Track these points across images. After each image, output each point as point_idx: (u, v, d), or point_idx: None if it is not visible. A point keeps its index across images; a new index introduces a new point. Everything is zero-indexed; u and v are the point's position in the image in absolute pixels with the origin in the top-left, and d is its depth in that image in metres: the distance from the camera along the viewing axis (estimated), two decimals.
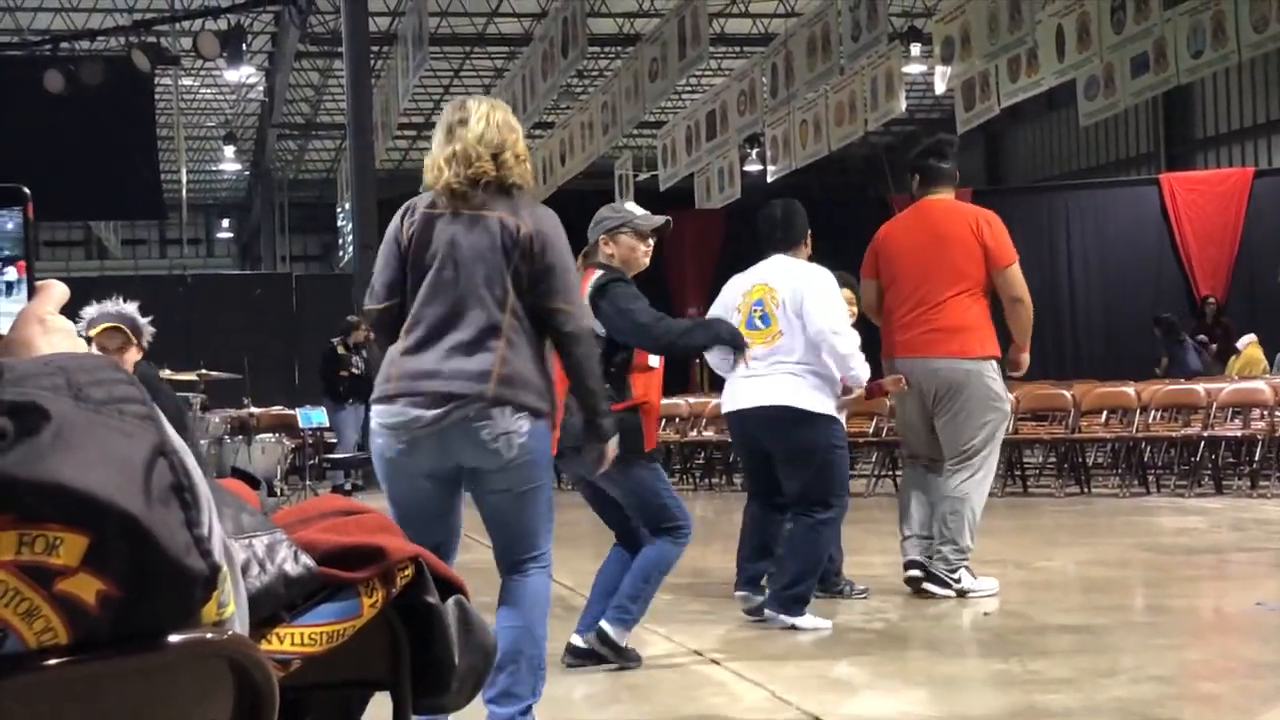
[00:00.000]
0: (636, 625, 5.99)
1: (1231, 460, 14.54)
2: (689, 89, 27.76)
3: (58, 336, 1.38)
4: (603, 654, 5.90)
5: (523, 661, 4.48)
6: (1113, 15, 16.34)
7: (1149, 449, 14.92)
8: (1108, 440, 15.00)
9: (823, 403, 6.75)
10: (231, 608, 1.33)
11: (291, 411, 16.94)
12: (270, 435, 14.13)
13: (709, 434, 16.77)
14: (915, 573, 7.52)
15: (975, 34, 17.31)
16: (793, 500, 6.83)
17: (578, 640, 6.00)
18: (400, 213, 4.56)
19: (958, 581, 7.43)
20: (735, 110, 21.24)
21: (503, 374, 4.32)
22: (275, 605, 1.78)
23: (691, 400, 17.86)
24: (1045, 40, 17.52)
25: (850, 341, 6.80)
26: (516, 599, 4.54)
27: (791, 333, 6.76)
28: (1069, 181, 27.47)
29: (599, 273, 5.76)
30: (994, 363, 7.54)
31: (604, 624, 5.88)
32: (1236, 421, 14.24)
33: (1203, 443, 13.80)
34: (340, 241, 34.48)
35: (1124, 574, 8.65)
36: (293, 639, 1.81)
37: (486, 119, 4.45)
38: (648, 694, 5.60)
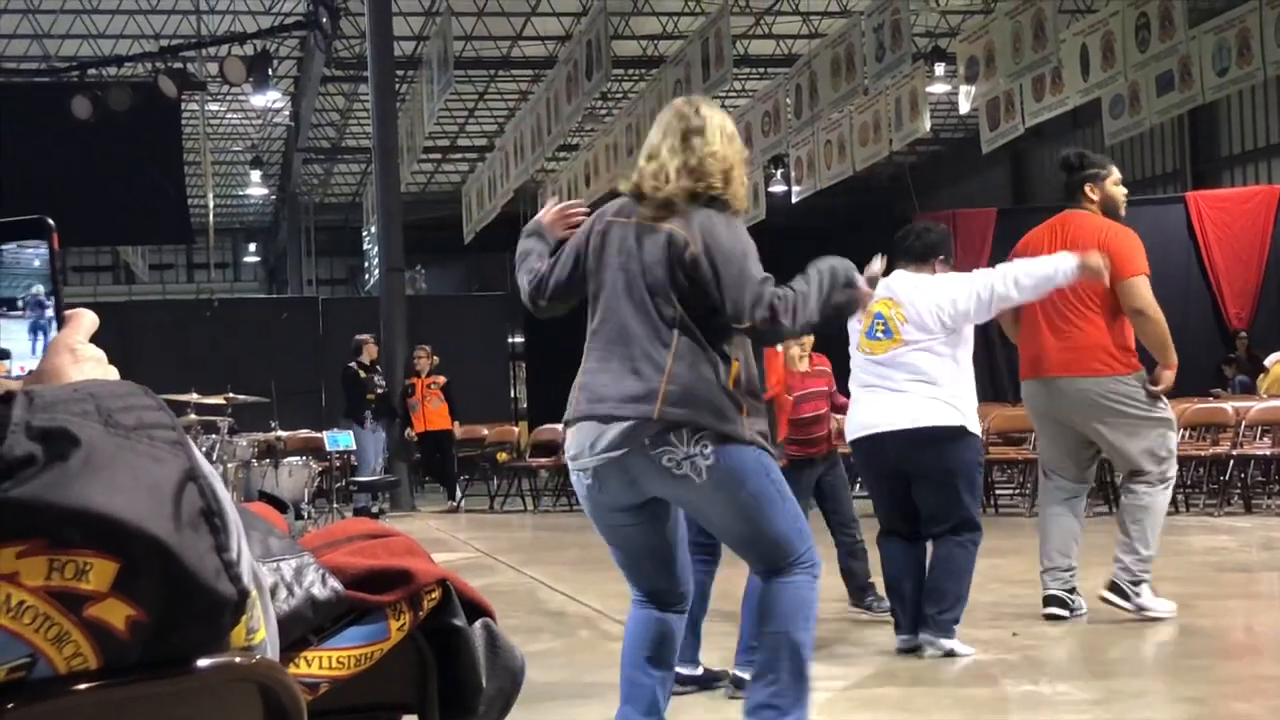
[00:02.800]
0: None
1: (1261, 479, 14.46)
2: None
3: (88, 365, 1.38)
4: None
5: (783, 671, 4.10)
6: (1137, 34, 16.32)
7: (1178, 468, 14.84)
8: None
9: (962, 416, 6.46)
10: (262, 633, 1.33)
11: (318, 435, 16.98)
12: (297, 458, 14.17)
13: None
14: (1055, 610, 7.25)
15: (999, 53, 17.30)
16: (938, 522, 6.50)
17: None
18: (591, 219, 4.34)
19: (1138, 595, 7.18)
20: (760, 131, 21.26)
21: (670, 391, 4.02)
22: (303, 629, 1.78)
23: None
24: (1070, 59, 17.51)
25: (970, 294, 6.46)
26: (773, 602, 4.14)
27: (919, 347, 6.46)
28: None
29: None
30: (1141, 373, 7.25)
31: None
32: (1266, 440, 14.17)
33: (1232, 461, 13.73)
34: (366, 265, 34.62)
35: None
36: (321, 662, 1.81)
37: (720, 133, 4.18)
38: None
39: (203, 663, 1.25)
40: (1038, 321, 7.27)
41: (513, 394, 28.92)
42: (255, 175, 32.94)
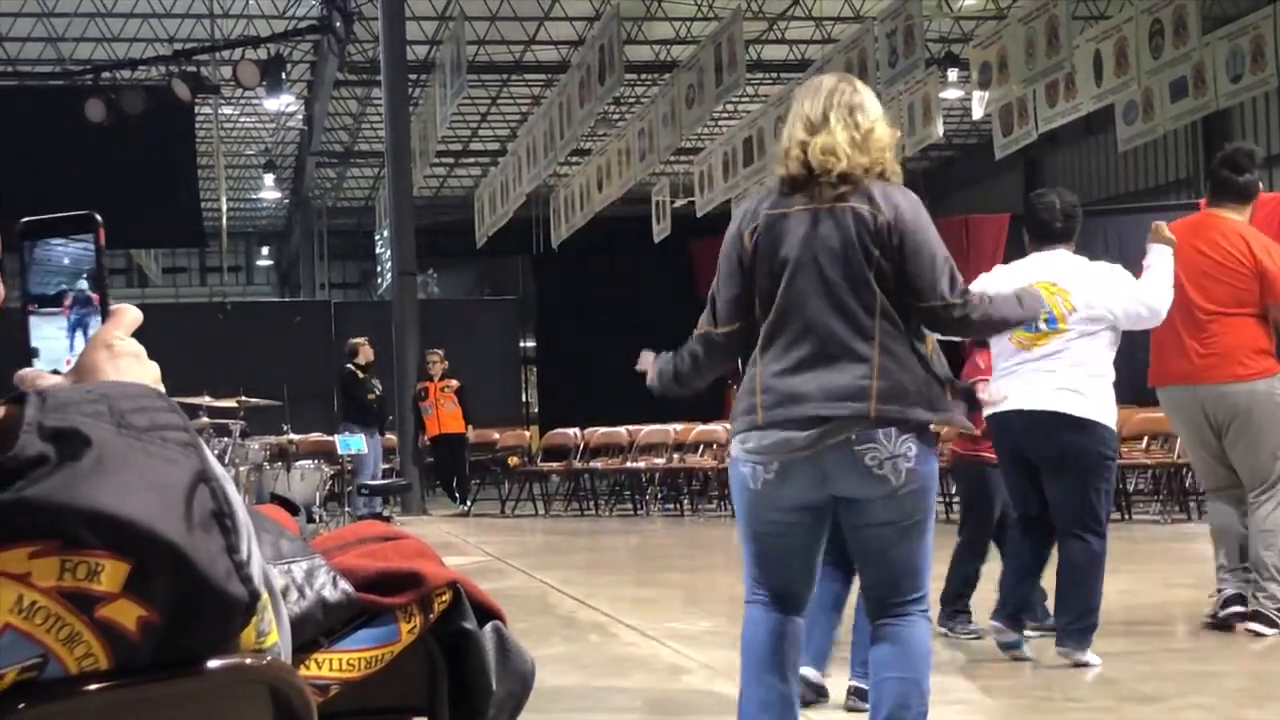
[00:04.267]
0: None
1: None
2: (726, 115, 27.78)
3: (125, 361, 1.38)
4: None
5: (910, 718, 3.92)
6: (1151, 40, 16.30)
7: (1190, 475, 14.81)
8: (1149, 466, 14.92)
9: (1106, 412, 6.23)
10: (273, 637, 1.33)
11: (330, 438, 16.99)
12: (309, 461, 14.19)
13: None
14: (1237, 608, 6.98)
15: (1013, 59, 17.29)
16: (1061, 516, 6.25)
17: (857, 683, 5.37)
18: (738, 219, 4.05)
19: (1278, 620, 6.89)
20: (772, 136, 21.22)
21: (882, 387, 3.80)
22: (314, 631, 1.79)
23: (678, 427, 17.76)
24: (1083, 65, 17.49)
25: (1149, 295, 6.31)
26: (900, 648, 3.92)
27: (1083, 338, 6.22)
28: (1107, 206, 27.34)
29: None
30: (1276, 378, 6.97)
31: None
32: None
33: None
34: (379, 269, 34.66)
35: (1165, 600, 8.58)
36: (331, 664, 1.81)
37: (880, 114, 4.00)
38: None
39: (213, 664, 1.25)
40: (1174, 325, 6.83)
41: (524, 398, 28.93)
42: (268, 179, 32.99)
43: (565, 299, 29.16)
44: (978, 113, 20.28)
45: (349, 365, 17.79)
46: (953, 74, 21.16)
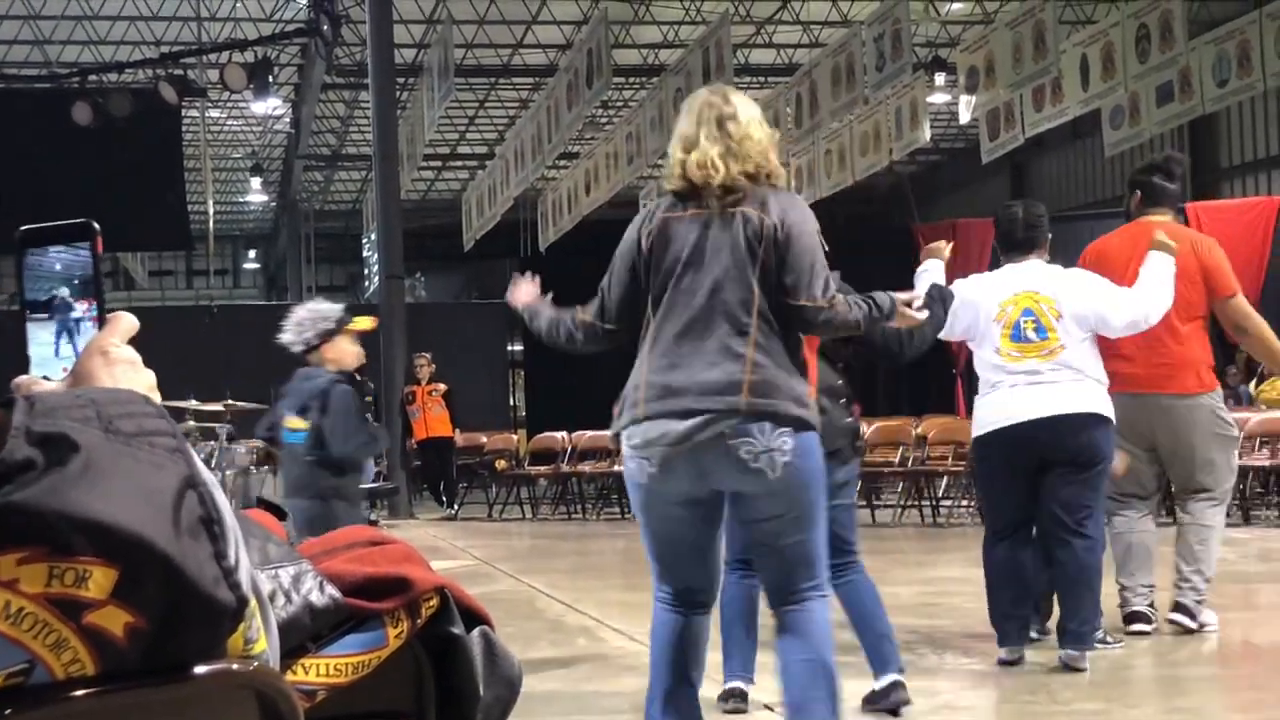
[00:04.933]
0: None
1: (1260, 490, 14.46)
2: None
3: (120, 368, 1.38)
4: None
5: (823, 701, 4.07)
6: (1137, 44, 16.35)
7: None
8: None
9: (1109, 406, 6.32)
10: (261, 644, 1.33)
11: None
12: None
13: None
14: (1140, 626, 7.06)
15: (1000, 64, 17.33)
16: (1067, 516, 6.22)
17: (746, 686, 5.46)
18: (637, 222, 4.26)
19: (1202, 613, 7.08)
20: None
21: (754, 382, 3.96)
22: (301, 636, 1.78)
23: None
24: (1070, 69, 17.53)
25: (1141, 301, 6.39)
26: (802, 632, 4.08)
27: (1074, 345, 6.28)
28: (1094, 210, 27.41)
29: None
30: (1219, 391, 7.21)
31: (896, 679, 5.36)
32: (1264, 451, 14.17)
33: None
34: (366, 272, 34.64)
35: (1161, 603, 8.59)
36: (318, 670, 1.81)
37: (752, 115, 4.17)
38: None
39: (200, 670, 1.25)
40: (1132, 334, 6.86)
41: (511, 402, 28.92)
42: (255, 182, 32.98)
43: (553, 302, 29.06)
44: (965, 117, 20.31)
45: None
46: (940, 78, 21.20)
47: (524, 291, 4.61)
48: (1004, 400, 6.33)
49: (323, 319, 6.61)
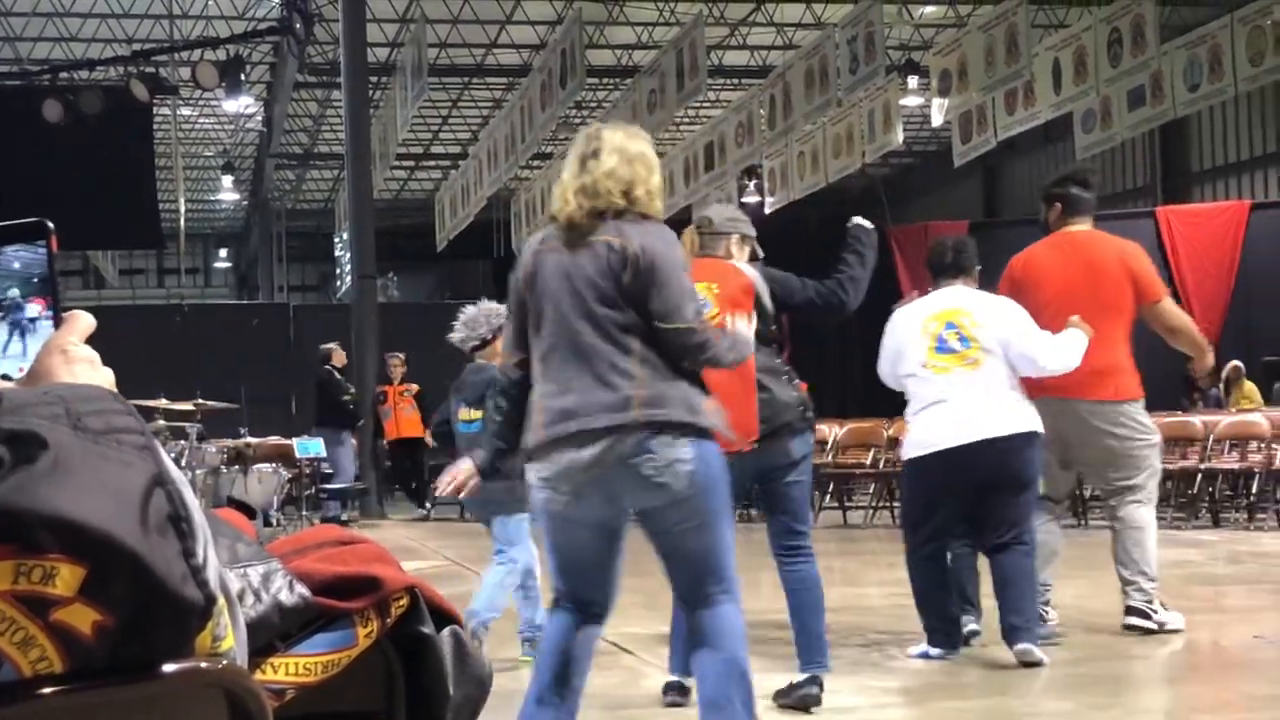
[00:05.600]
0: None
1: (1229, 493, 14.53)
2: (687, 120, 27.83)
3: (79, 366, 1.38)
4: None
5: (736, 699, 4.18)
6: (1109, 48, 16.40)
7: None
8: None
9: (1036, 420, 6.55)
10: (229, 641, 1.33)
11: (288, 441, 16.92)
12: (267, 465, 14.12)
13: None
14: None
15: (972, 67, 17.37)
16: (1006, 530, 6.50)
17: (686, 680, 5.60)
18: (521, 259, 4.44)
19: (1157, 612, 7.22)
20: (733, 142, 21.30)
21: (644, 396, 4.12)
22: (270, 635, 1.78)
23: None
24: (1042, 73, 17.59)
25: (1064, 351, 6.60)
26: (715, 633, 4.22)
27: (997, 359, 6.51)
28: None
29: (745, 264, 5.67)
30: (1141, 401, 7.37)
31: (814, 672, 5.55)
32: (1234, 454, 14.24)
33: (1200, 475, 13.79)
34: (338, 271, 34.53)
35: (1121, 607, 8.62)
36: (287, 669, 1.80)
37: (620, 153, 4.31)
38: None
39: (169, 668, 1.24)
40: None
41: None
42: (227, 180, 32.83)
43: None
44: (937, 120, 20.37)
45: (326, 367, 17.78)
46: (913, 81, 21.25)
47: (461, 477, 4.68)
48: (938, 420, 6.53)
49: (494, 315, 6.99)
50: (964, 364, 6.49)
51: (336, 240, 33.89)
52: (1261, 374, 19.45)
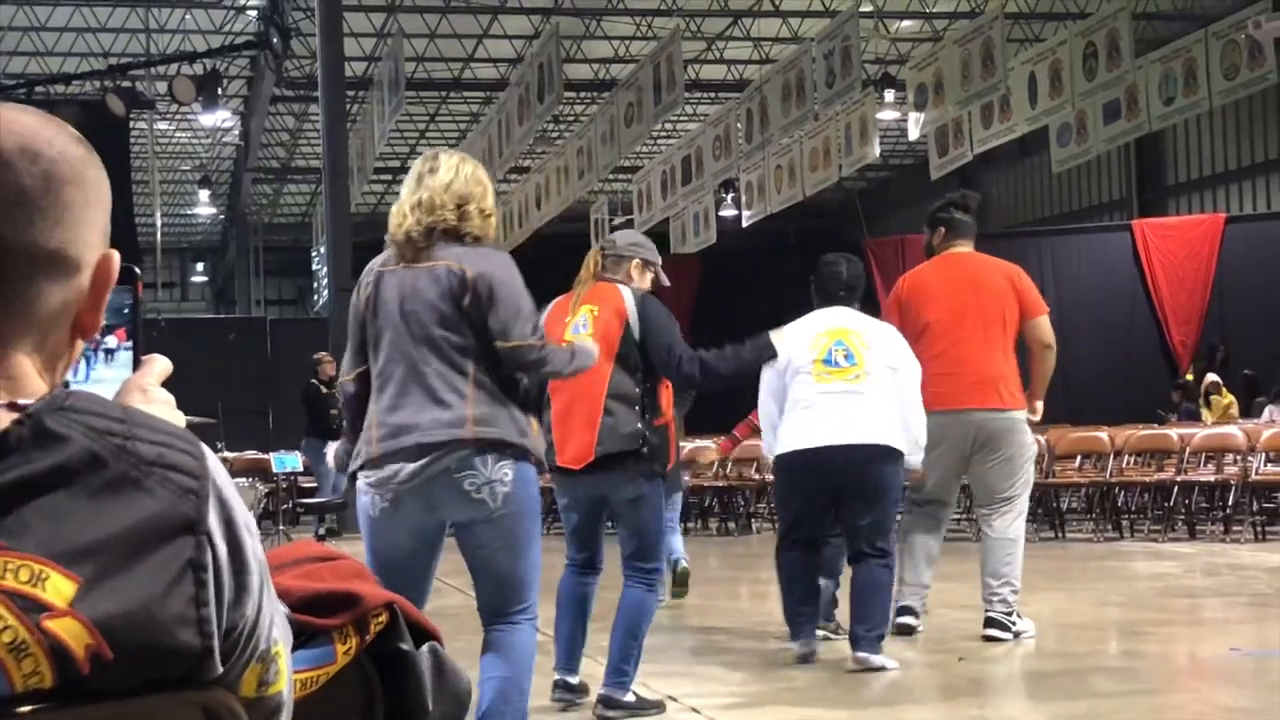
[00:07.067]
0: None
1: (1205, 505, 14.57)
2: (664, 134, 27.85)
3: (157, 406, 1.39)
4: (620, 717, 5.79)
5: (509, 715, 4.37)
6: (1085, 63, 16.47)
7: (1122, 494, 14.94)
8: (1081, 485, 15.02)
9: (903, 441, 6.81)
10: (278, 685, 1.35)
11: (265, 456, 16.88)
12: (244, 480, 14.09)
13: None
14: (908, 619, 7.62)
15: (948, 81, 17.43)
16: (861, 538, 6.79)
17: (570, 678, 5.95)
18: (360, 280, 4.59)
19: (1014, 624, 7.47)
20: (710, 155, 21.32)
21: (476, 415, 4.27)
22: None
23: None
24: (1018, 87, 17.65)
25: (921, 419, 6.91)
26: (504, 651, 4.39)
27: (880, 380, 6.79)
28: (1042, 228, 27.59)
29: (628, 288, 5.77)
30: (1025, 411, 7.66)
31: (612, 694, 5.76)
32: (1210, 466, 14.28)
33: (1176, 488, 13.83)
34: (315, 285, 34.47)
35: (1099, 619, 8.65)
36: None
37: (456, 170, 4.45)
38: None
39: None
40: (939, 354, 7.47)
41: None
42: (203, 195, 32.74)
43: None
44: (914, 133, 20.40)
45: (313, 380, 17.71)
46: (889, 95, 21.29)
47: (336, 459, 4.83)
48: (804, 421, 6.82)
49: None
50: (845, 379, 6.78)
51: (314, 254, 33.83)
52: (1241, 388, 19.54)
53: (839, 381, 6.75)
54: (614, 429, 5.56)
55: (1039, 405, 7.75)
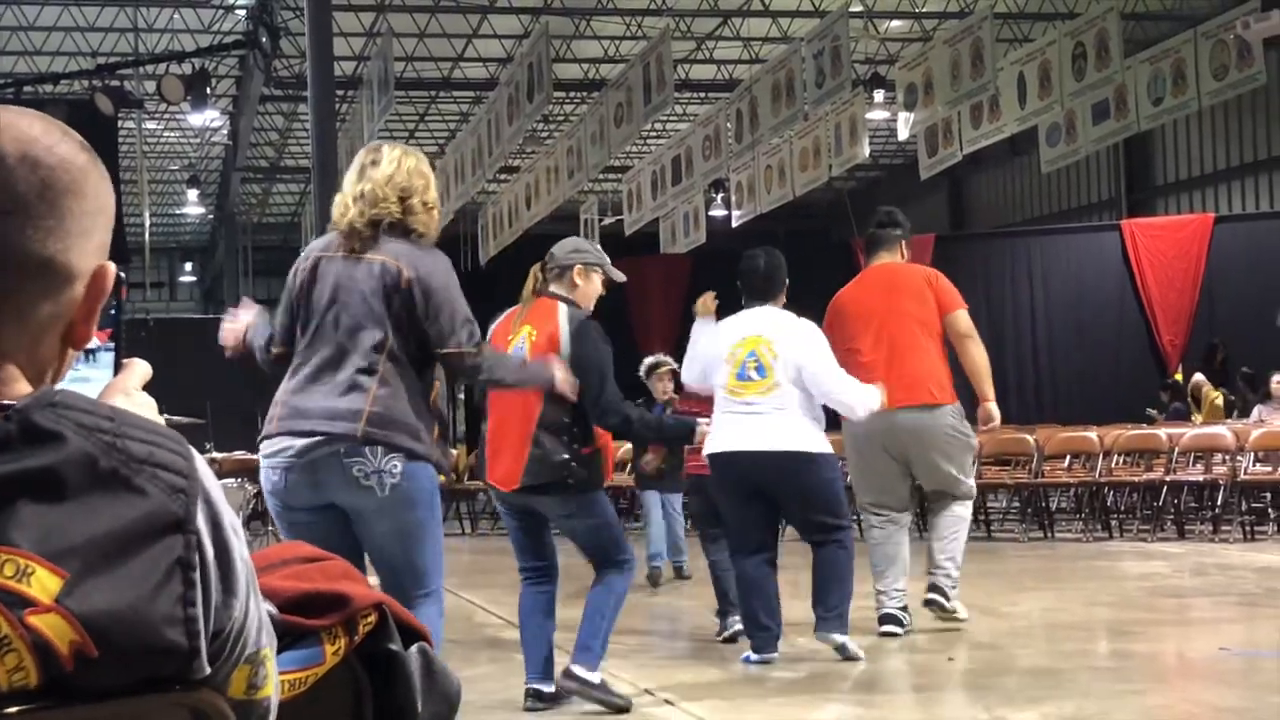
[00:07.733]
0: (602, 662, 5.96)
1: (1194, 505, 14.59)
2: (654, 134, 27.85)
3: (139, 410, 1.39)
4: (582, 695, 5.84)
5: None
6: (1074, 63, 16.49)
7: (1112, 494, 14.96)
8: (1071, 485, 15.04)
9: (821, 442, 6.96)
10: (266, 690, 1.34)
11: (254, 456, 16.83)
12: (232, 480, 14.04)
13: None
14: (891, 628, 7.70)
15: (938, 81, 17.44)
16: (811, 532, 7.02)
17: (542, 687, 5.95)
18: (298, 261, 4.64)
19: (951, 600, 7.78)
20: (700, 155, 21.32)
21: (373, 413, 4.33)
22: None
23: None
24: (1007, 87, 17.66)
25: (852, 389, 7.05)
26: None
27: (788, 383, 6.94)
28: (1031, 227, 27.62)
29: (567, 308, 5.78)
30: (958, 405, 7.87)
31: (574, 668, 5.83)
32: (1199, 466, 14.31)
33: (1165, 487, 13.84)
34: None
35: (1088, 619, 8.66)
36: None
37: (398, 163, 4.49)
38: None
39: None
40: (866, 361, 7.66)
41: (451, 416, 28.84)
42: (192, 194, 32.69)
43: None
44: (903, 133, 20.41)
45: None
46: (879, 95, 21.29)
47: (231, 334, 4.92)
48: (724, 427, 7.05)
49: None
50: (759, 391, 6.96)
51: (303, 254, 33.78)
52: (1243, 384, 19.53)
53: (752, 395, 6.96)
54: (541, 460, 5.63)
55: (992, 408, 7.99)
